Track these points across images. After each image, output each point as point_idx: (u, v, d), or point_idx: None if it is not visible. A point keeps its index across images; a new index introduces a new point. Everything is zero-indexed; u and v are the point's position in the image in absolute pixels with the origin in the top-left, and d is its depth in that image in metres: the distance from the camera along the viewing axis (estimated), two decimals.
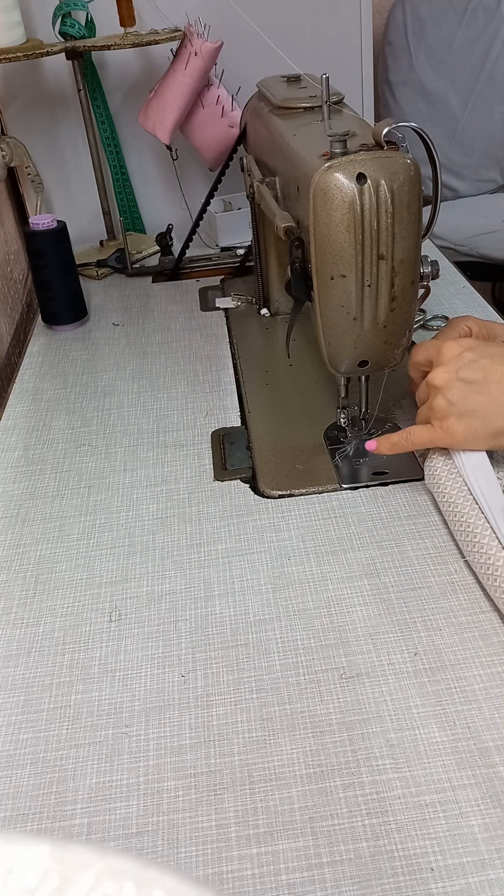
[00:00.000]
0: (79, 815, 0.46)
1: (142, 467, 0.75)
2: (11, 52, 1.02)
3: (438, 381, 0.62)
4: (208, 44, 1.06)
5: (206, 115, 1.14)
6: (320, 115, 0.72)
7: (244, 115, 0.95)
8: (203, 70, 1.08)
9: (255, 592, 0.59)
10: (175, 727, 0.50)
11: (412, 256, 0.61)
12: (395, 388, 0.80)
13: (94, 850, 0.17)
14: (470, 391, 0.60)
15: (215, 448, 0.77)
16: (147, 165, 1.30)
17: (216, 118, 1.14)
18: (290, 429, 0.78)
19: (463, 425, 0.61)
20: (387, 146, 0.58)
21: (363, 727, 0.49)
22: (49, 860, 0.17)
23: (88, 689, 0.53)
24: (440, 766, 0.46)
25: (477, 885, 0.40)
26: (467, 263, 1.91)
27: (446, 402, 0.61)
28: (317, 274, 0.63)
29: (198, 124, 1.15)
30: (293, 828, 0.44)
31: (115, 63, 1.22)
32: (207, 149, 1.17)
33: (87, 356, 0.98)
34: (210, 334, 1.00)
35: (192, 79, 1.08)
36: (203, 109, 1.13)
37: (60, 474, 0.76)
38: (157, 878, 0.17)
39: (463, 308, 0.99)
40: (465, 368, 0.61)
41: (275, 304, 1.00)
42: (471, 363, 0.61)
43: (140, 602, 0.60)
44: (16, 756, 0.49)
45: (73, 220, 1.07)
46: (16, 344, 1.12)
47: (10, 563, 0.65)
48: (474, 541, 0.57)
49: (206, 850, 0.43)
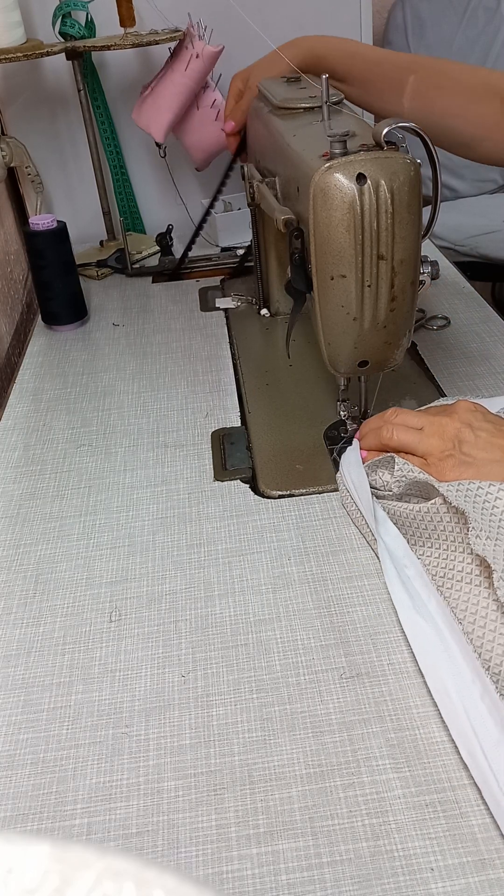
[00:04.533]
0: (79, 815, 0.46)
1: (142, 467, 0.75)
2: (11, 52, 1.02)
3: (467, 418, 0.62)
4: (210, 47, 1.06)
5: (200, 117, 1.14)
6: (320, 115, 0.72)
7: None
8: (203, 72, 1.08)
9: (255, 592, 0.59)
10: (175, 727, 0.50)
11: (412, 256, 0.61)
12: (394, 388, 0.81)
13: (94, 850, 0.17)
14: (478, 447, 0.60)
15: (215, 448, 0.77)
16: (147, 165, 1.30)
17: (210, 121, 1.14)
18: (290, 429, 0.78)
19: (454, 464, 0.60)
20: (387, 146, 0.58)
21: (363, 727, 0.49)
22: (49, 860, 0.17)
23: (88, 689, 0.53)
24: (440, 766, 0.46)
25: (477, 885, 0.40)
26: (467, 263, 1.91)
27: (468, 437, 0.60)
28: (317, 274, 0.63)
29: (191, 125, 1.15)
30: (293, 828, 0.44)
31: (115, 63, 1.22)
32: (198, 150, 1.17)
33: (87, 356, 0.98)
34: (210, 334, 1.00)
35: (192, 80, 1.08)
36: (198, 111, 1.13)
37: (60, 474, 0.76)
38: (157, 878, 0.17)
39: (463, 308, 0.99)
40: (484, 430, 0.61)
41: (275, 304, 1.00)
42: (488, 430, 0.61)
43: (140, 602, 0.60)
44: (16, 756, 0.49)
45: (73, 221, 1.07)
46: (16, 344, 1.12)
47: (10, 563, 0.65)
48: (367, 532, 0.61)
49: (206, 850, 0.43)
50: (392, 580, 0.57)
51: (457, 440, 0.60)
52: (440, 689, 0.49)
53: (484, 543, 0.52)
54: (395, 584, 0.56)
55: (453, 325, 0.95)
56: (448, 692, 0.48)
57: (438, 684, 0.49)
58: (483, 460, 0.59)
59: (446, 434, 0.61)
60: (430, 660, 0.51)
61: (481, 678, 0.48)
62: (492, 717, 0.46)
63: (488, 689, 0.47)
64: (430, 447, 0.61)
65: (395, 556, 0.59)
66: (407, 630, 0.53)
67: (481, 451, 0.59)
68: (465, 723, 0.46)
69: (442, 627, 0.52)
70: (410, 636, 0.53)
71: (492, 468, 0.58)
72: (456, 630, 0.52)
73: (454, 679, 0.49)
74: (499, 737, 0.45)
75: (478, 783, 0.44)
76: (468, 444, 0.60)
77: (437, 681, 0.49)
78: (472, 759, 0.45)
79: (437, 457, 0.61)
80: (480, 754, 0.45)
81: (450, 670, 0.49)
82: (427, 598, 0.55)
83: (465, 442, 0.60)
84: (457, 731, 0.46)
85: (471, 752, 0.45)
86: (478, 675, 0.48)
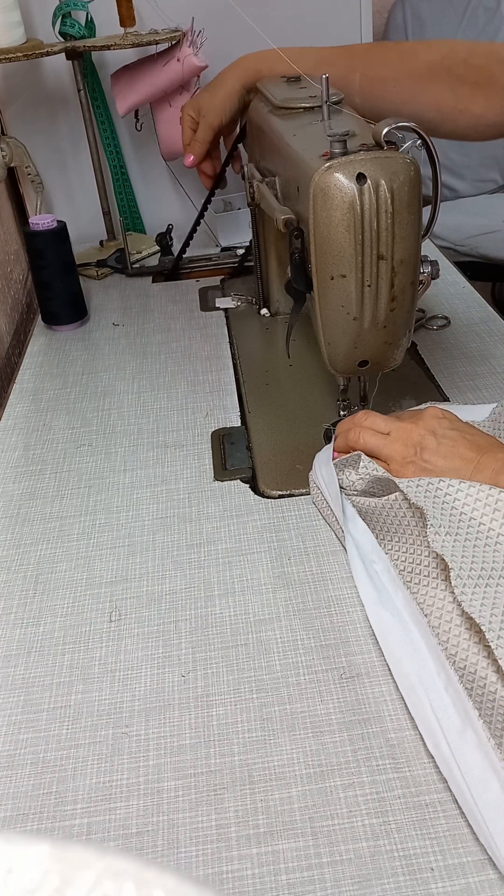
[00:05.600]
0: (79, 815, 0.46)
1: (142, 467, 0.75)
2: (11, 52, 1.02)
3: (432, 425, 0.62)
4: (194, 59, 1.06)
5: (171, 115, 1.14)
6: (320, 115, 0.72)
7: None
8: (179, 78, 1.08)
9: (255, 592, 0.59)
10: (175, 727, 0.50)
11: (412, 256, 0.61)
12: (394, 388, 0.81)
13: (94, 850, 0.17)
14: (439, 455, 0.60)
15: (215, 448, 0.77)
16: (147, 165, 1.30)
17: (177, 122, 1.14)
18: (290, 429, 0.78)
19: (415, 470, 0.61)
20: (387, 146, 0.58)
21: (363, 727, 0.49)
22: (49, 860, 0.17)
23: (88, 689, 0.53)
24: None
25: (477, 885, 0.40)
26: (467, 263, 1.91)
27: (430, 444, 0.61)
28: (317, 274, 0.63)
29: (162, 117, 1.16)
30: (293, 828, 0.44)
31: (116, 63, 1.21)
32: (165, 144, 1.19)
33: (87, 356, 0.98)
34: (210, 334, 1.00)
35: (167, 79, 1.09)
36: (170, 108, 1.14)
37: (60, 474, 0.76)
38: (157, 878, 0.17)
39: (463, 308, 0.99)
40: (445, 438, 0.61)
41: (275, 304, 1.00)
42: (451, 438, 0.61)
43: (140, 602, 0.60)
44: (16, 756, 0.49)
45: (73, 220, 1.07)
46: (16, 344, 1.12)
47: (10, 563, 0.65)
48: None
49: (206, 850, 0.43)
50: (359, 575, 0.58)
51: (419, 447, 0.61)
52: (405, 682, 0.49)
53: (443, 539, 0.52)
54: (363, 580, 0.57)
55: (453, 325, 0.95)
56: (413, 685, 0.49)
57: (404, 679, 0.50)
58: (442, 468, 0.59)
59: (410, 440, 0.62)
60: (396, 654, 0.51)
61: (446, 670, 0.49)
62: (455, 708, 0.47)
63: (452, 681, 0.48)
64: (393, 452, 0.62)
65: (364, 551, 0.59)
66: (373, 624, 0.54)
67: (441, 459, 0.60)
68: (429, 714, 0.47)
69: (408, 621, 0.53)
70: (377, 631, 0.53)
71: (450, 476, 0.58)
72: (421, 623, 0.52)
73: (419, 672, 0.49)
74: (461, 726, 0.46)
75: (444, 774, 0.45)
76: (429, 451, 0.60)
77: (402, 675, 0.50)
78: (437, 749, 0.45)
79: (398, 462, 0.62)
80: (445, 745, 0.45)
81: (415, 663, 0.50)
82: (394, 592, 0.55)
83: (427, 449, 0.61)
84: (422, 722, 0.47)
85: (436, 743, 0.46)
86: (442, 668, 0.49)
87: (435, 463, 0.60)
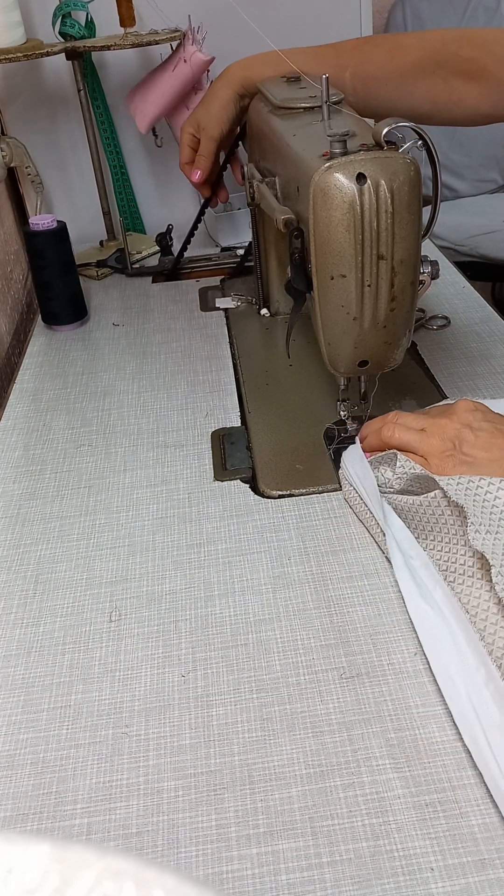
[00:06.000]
0: (79, 815, 0.46)
1: (142, 467, 0.75)
2: (11, 52, 1.02)
3: (467, 418, 0.62)
4: (199, 55, 1.06)
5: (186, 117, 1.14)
6: (320, 115, 0.72)
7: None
8: (190, 77, 1.08)
9: (255, 592, 0.59)
10: (175, 727, 0.50)
11: (412, 256, 0.61)
12: (394, 388, 0.81)
13: (94, 850, 0.17)
14: (478, 447, 0.60)
15: (215, 448, 0.77)
16: (147, 166, 1.30)
17: None
18: (290, 429, 0.78)
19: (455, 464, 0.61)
20: (387, 146, 0.58)
21: (363, 727, 0.49)
22: (49, 860, 0.17)
23: (88, 689, 0.53)
24: (440, 766, 0.46)
25: (477, 885, 0.40)
26: (467, 263, 1.91)
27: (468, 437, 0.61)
28: (317, 274, 0.63)
29: (178, 121, 1.15)
30: (293, 828, 0.44)
31: (115, 63, 1.22)
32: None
33: (87, 356, 0.98)
34: (210, 334, 1.00)
35: (178, 82, 1.09)
36: (188, 112, 1.14)
37: (60, 474, 0.76)
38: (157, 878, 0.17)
39: (463, 308, 0.99)
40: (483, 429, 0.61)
41: (275, 304, 1.00)
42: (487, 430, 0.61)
43: (140, 602, 0.60)
44: (16, 756, 0.49)
45: (73, 221, 1.07)
46: (16, 344, 1.12)
47: (10, 563, 0.65)
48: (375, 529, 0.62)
49: (206, 850, 0.43)
50: (400, 569, 0.58)
51: (457, 440, 0.61)
52: (444, 675, 0.49)
53: (483, 538, 0.52)
54: (403, 573, 0.57)
55: (453, 325, 0.95)
56: (452, 678, 0.49)
57: (442, 670, 0.50)
58: (483, 460, 0.59)
59: (446, 434, 0.62)
60: (434, 645, 0.51)
61: (486, 665, 0.49)
62: (495, 702, 0.47)
63: (493, 676, 0.48)
64: (431, 447, 0.62)
65: (402, 548, 0.59)
66: (413, 617, 0.54)
67: (481, 451, 0.60)
68: (468, 708, 0.47)
69: (447, 615, 0.53)
70: (416, 622, 0.53)
71: (492, 467, 0.58)
72: (462, 618, 0.52)
73: (458, 665, 0.49)
74: (501, 722, 0.46)
75: (479, 767, 0.45)
76: (468, 444, 0.60)
77: (440, 666, 0.50)
78: (475, 743, 0.46)
79: (437, 457, 0.61)
80: (483, 738, 0.45)
81: (454, 656, 0.50)
82: (433, 587, 0.55)
83: (466, 442, 0.60)
84: (459, 715, 0.47)
85: (473, 736, 0.46)
86: (483, 662, 0.49)
87: (475, 455, 0.59)
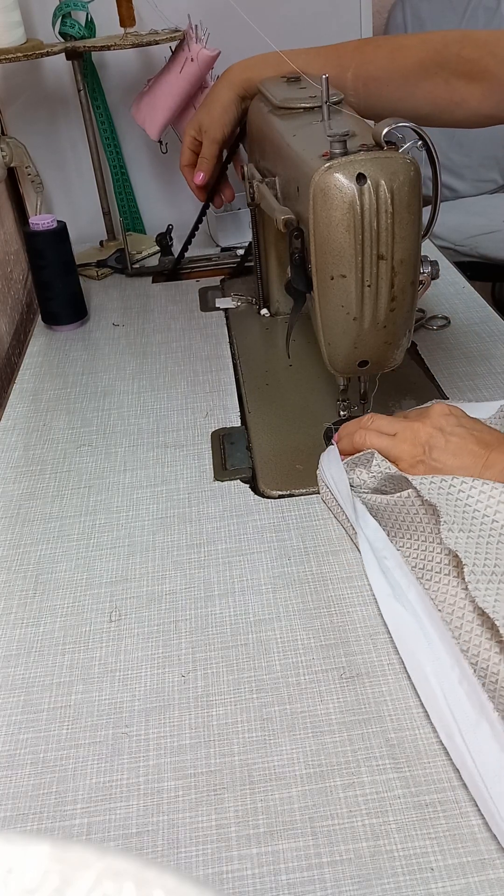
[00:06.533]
0: (79, 815, 0.46)
1: (142, 467, 0.75)
2: (11, 52, 1.02)
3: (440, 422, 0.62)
4: (205, 51, 1.06)
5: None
6: (320, 115, 0.72)
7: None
8: (198, 76, 1.08)
9: (255, 592, 0.59)
10: (175, 727, 0.50)
11: (412, 256, 0.61)
12: (394, 388, 0.81)
13: (94, 850, 0.17)
14: (447, 452, 0.60)
15: (215, 448, 0.77)
16: (147, 166, 1.30)
17: None
18: (290, 429, 0.78)
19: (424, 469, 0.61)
20: (387, 146, 0.58)
21: (363, 727, 0.49)
22: (49, 860, 0.17)
23: (88, 689, 0.53)
24: (440, 766, 0.46)
25: (477, 885, 0.40)
26: (467, 263, 1.91)
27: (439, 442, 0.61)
28: (317, 274, 0.63)
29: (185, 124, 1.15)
30: (293, 828, 0.44)
31: (115, 63, 1.22)
32: None
33: (87, 356, 0.98)
34: (210, 334, 1.00)
35: (187, 83, 1.08)
36: (195, 111, 1.13)
37: (60, 474, 0.76)
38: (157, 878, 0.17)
39: (463, 308, 0.99)
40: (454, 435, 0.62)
41: (275, 304, 1.00)
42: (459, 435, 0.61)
43: (140, 602, 0.60)
44: (16, 756, 0.49)
45: (73, 221, 1.07)
46: (16, 344, 1.12)
47: (10, 563, 0.65)
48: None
49: (206, 850, 0.43)
50: (372, 569, 0.58)
51: (427, 445, 0.61)
52: (419, 675, 0.50)
53: (456, 536, 0.52)
54: (375, 574, 0.57)
55: (453, 325, 0.95)
56: (427, 677, 0.49)
57: (418, 671, 0.50)
58: (452, 466, 0.59)
59: (418, 439, 0.62)
60: (409, 646, 0.51)
61: (460, 663, 0.49)
62: (469, 700, 0.47)
63: (466, 674, 0.48)
64: (402, 452, 0.62)
65: (375, 548, 0.59)
66: (387, 617, 0.54)
67: (450, 457, 0.60)
68: (443, 707, 0.47)
69: (421, 615, 0.53)
70: (390, 623, 0.54)
71: (460, 474, 0.58)
72: (435, 618, 0.52)
73: (433, 664, 0.49)
74: (475, 719, 0.46)
75: (456, 765, 0.45)
76: (438, 450, 0.60)
77: (416, 667, 0.50)
78: (451, 741, 0.46)
79: (408, 462, 0.62)
80: (459, 737, 0.45)
81: (429, 656, 0.50)
82: (407, 587, 0.55)
83: (436, 447, 0.61)
84: (436, 714, 0.47)
85: (449, 734, 0.46)
86: (456, 661, 0.49)
87: (444, 461, 0.60)
